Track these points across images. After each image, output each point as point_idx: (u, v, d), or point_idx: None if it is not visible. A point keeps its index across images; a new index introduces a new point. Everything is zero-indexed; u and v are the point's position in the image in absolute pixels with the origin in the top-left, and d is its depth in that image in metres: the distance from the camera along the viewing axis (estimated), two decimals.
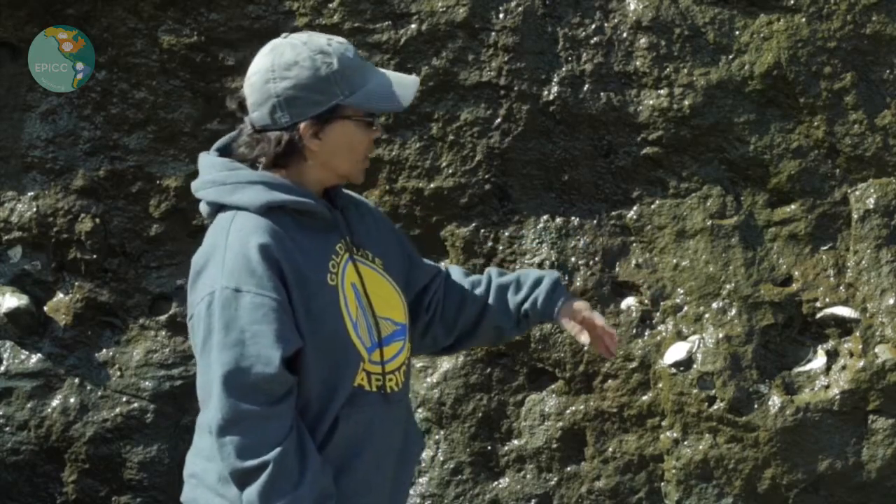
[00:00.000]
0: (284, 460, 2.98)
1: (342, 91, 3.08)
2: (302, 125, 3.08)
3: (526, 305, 3.41)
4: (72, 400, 5.44)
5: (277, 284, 3.01)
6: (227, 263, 3.01)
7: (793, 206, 5.26)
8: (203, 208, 3.19)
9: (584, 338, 3.38)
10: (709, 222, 5.26)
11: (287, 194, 3.08)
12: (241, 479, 3.01)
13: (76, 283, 5.47)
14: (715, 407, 5.16)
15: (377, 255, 3.26)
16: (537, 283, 3.43)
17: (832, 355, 5.21)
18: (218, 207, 3.14)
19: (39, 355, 5.47)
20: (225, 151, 3.22)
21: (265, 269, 3.00)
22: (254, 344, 2.98)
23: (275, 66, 3.08)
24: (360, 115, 3.11)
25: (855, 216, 5.22)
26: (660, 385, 5.19)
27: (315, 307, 3.06)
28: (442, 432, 5.33)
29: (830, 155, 5.24)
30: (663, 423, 5.23)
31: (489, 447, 5.34)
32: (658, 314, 5.25)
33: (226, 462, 3.01)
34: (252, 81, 3.12)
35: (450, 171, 5.33)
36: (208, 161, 3.19)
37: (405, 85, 3.15)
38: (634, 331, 5.25)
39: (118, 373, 5.45)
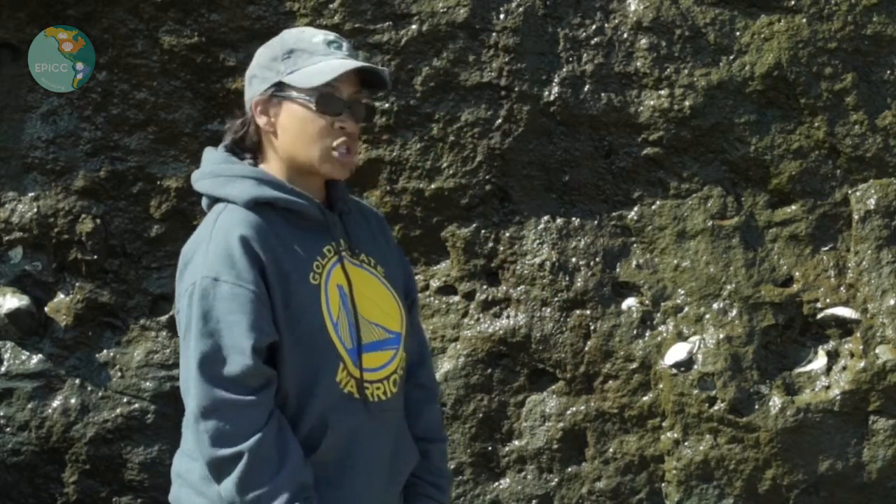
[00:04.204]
0: (261, 449, 2.94)
1: (286, 69, 3.08)
2: (252, 102, 3.12)
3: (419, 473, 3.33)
4: (72, 401, 5.44)
5: (256, 277, 3.00)
6: (209, 254, 3.01)
7: (793, 207, 5.26)
8: (203, 200, 3.21)
9: None
10: (709, 223, 5.26)
11: (276, 191, 3.08)
12: (218, 468, 2.97)
13: (77, 284, 5.47)
14: (715, 408, 5.16)
15: (380, 263, 3.24)
16: (436, 480, 3.34)
17: (833, 356, 5.21)
18: (213, 200, 3.15)
19: (40, 356, 5.47)
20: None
21: (245, 261, 2.99)
22: (228, 334, 2.97)
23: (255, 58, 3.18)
24: (304, 99, 3.08)
25: (856, 217, 5.22)
26: (660, 386, 5.19)
27: (294, 303, 3.04)
28: None
29: (831, 156, 5.24)
30: (664, 424, 5.23)
31: (490, 448, 5.33)
32: (659, 315, 5.25)
33: (203, 451, 2.98)
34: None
35: (450, 171, 5.33)
36: (209, 154, 3.22)
37: (343, 66, 3.07)
38: (635, 331, 5.25)
39: (119, 373, 5.45)
